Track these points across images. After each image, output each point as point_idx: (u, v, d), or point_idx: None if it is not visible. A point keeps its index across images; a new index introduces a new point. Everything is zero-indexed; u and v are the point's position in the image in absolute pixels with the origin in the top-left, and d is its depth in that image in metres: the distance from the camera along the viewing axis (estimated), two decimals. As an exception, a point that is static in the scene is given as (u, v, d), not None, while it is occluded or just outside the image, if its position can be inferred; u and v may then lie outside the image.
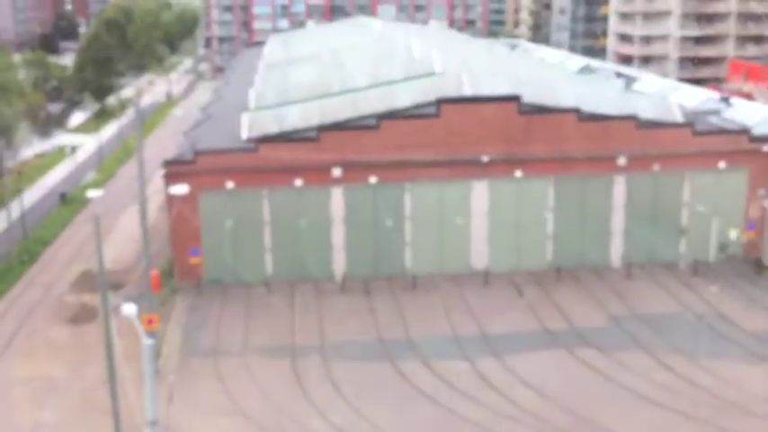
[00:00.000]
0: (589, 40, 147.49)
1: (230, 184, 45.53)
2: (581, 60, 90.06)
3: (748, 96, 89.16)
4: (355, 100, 49.05)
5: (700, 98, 62.31)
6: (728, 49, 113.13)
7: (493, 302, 43.83)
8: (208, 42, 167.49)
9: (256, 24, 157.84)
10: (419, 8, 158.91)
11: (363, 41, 70.54)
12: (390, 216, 46.92)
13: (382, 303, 43.81)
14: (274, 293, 44.34)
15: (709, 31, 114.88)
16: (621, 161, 48.21)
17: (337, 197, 46.57)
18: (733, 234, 49.52)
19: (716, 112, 58.13)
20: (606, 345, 38.78)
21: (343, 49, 67.66)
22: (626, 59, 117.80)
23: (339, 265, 47.17)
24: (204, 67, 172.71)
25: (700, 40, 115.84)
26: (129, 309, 24.99)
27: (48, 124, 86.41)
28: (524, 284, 45.93)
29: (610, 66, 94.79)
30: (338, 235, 46.97)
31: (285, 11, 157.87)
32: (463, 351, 38.09)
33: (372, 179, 46.51)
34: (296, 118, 47.73)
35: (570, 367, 36.90)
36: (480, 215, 47.88)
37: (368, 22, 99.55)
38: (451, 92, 48.29)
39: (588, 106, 48.69)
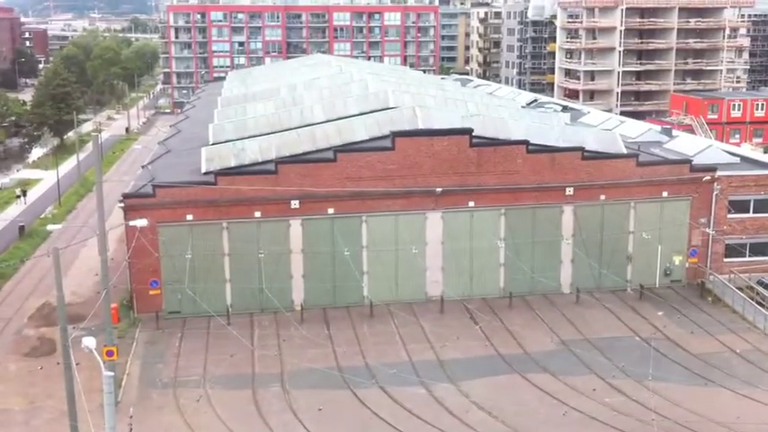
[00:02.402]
0: (537, 75, 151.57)
1: (189, 217, 46.17)
2: (529, 95, 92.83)
3: (688, 128, 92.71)
4: (313, 134, 50.23)
5: (642, 130, 64.81)
6: (669, 83, 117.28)
7: (448, 329, 44.95)
8: (167, 78, 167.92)
9: (215, 61, 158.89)
10: (373, 45, 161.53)
11: (320, 77, 71.95)
12: (348, 246, 47.96)
13: (341, 332, 44.65)
14: (234, 324, 44.85)
15: (650, 66, 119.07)
16: (569, 191, 49.99)
17: (296, 228, 47.49)
18: (677, 260, 51.63)
19: (658, 144, 60.61)
20: (557, 368, 40.09)
21: (300, 85, 68.98)
22: (572, 94, 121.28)
23: (298, 295, 47.96)
24: (163, 102, 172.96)
25: (642, 75, 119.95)
26: (89, 341, 25.31)
27: (6, 159, 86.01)
28: (478, 311, 47.18)
29: (557, 100, 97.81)
30: (297, 265, 47.80)
31: (243, 48, 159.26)
32: (420, 377, 39.04)
33: (330, 210, 47.57)
34: (254, 151, 48.66)
35: (523, 391, 38.07)
36: (435, 244, 49.18)
37: (324, 58, 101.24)
38: (406, 125, 49.74)
39: (537, 139, 50.51)
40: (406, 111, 51.50)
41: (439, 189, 48.25)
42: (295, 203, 47.17)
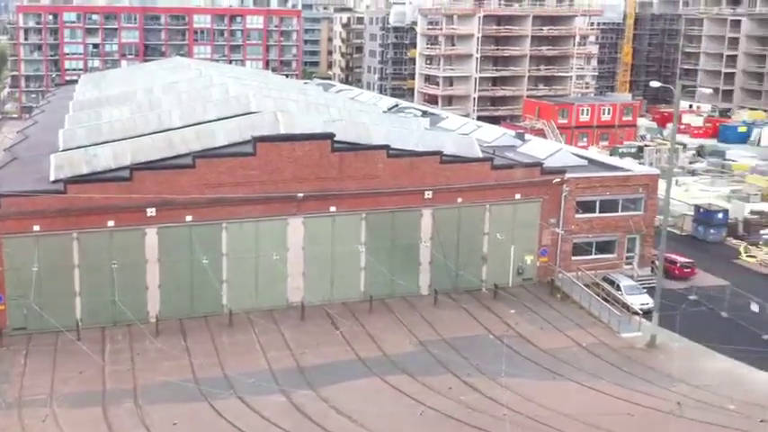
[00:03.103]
0: (398, 81, 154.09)
1: (36, 228, 44.09)
2: (390, 100, 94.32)
3: (540, 132, 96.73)
4: (170, 139, 49.02)
5: (498, 135, 67.15)
6: (523, 89, 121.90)
7: (309, 335, 44.95)
8: (15, 81, 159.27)
9: (67, 63, 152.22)
10: (235, 49, 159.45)
11: (179, 81, 70.33)
12: (207, 254, 47.11)
13: (198, 343, 43.76)
14: (84, 339, 43.09)
15: (505, 72, 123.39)
16: (428, 195, 51.08)
17: (152, 237, 46.19)
18: (528, 259, 53.74)
19: (512, 148, 62.91)
20: (416, 370, 40.87)
21: (158, 89, 67.18)
22: (431, 99, 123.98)
23: (153, 306, 46.62)
24: (10, 106, 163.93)
25: (497, 81, 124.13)
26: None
27: None
28: (339, 316, 47.44)
29: (417, 105, 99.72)
30: (152, 276, 46.49)
31: (98, 50, 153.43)
32: (280, 385, 38.85)
33: (188, 218, 46.60)
34: (108, 158, 47.02)
35: (382, 393, 38.59)
36: (296, 250, 49.07)
37: (183, 62, 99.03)
38: (267, 130, 49.32)
39: (397, 143, 51.30)
40: (268, 116, 51.15)
41: (300, 194, 48.19)
42: (151, 211, 45.90)
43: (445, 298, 50.77)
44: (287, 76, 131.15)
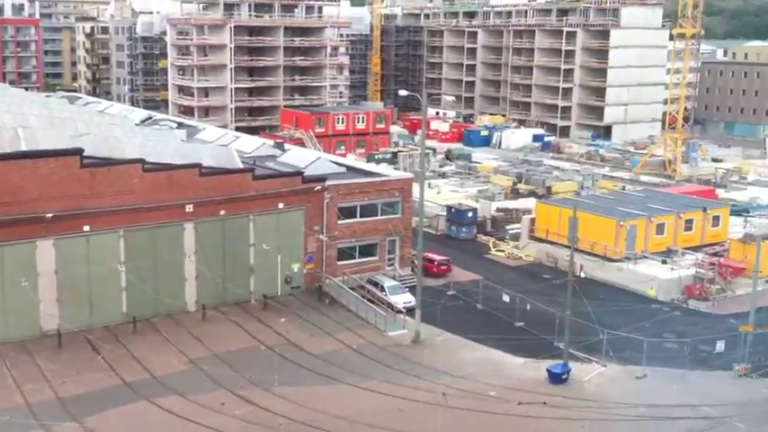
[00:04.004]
0: (150, 92, 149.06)
1: None
2: (143, 112, 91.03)
3: (299, 142, 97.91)
4: None
5: (257, 145, 67.03)
6: (279, 99, 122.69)
7: (68, 364, 42.01)
8: None
9: None
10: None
11: None
12: (-58, 286, 42.68)
13: (-62, 384, 39.54)
14: None
15: (261, 82, 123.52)
16: (189, 209, 49.80)
17: None
18: (295, 267, 54.09)
19: (272, 158, 63.05)
20: (187, 389, 39.65)
21: None
22: (187, 111, 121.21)
23: None
24: None
25: (254, 91, 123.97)
26: None
27: None
28: (100, 341, 44.86)
29: (172, 117, 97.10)
30: None
31: None
32: (39, 420, 36.03)
33: None
34: None
35: (153, 417, 37.05)
36: (48, 275, 45.79)
37: None
38: (7, 148, 45.79)
39: (153, 157, 49.57)
40: (7, 132, 47.46)
41: (49, 214, 45.01)
42: None
43: (214, 312, 49.75)
44: (26, 89, 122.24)
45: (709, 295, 55.54)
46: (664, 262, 59.79)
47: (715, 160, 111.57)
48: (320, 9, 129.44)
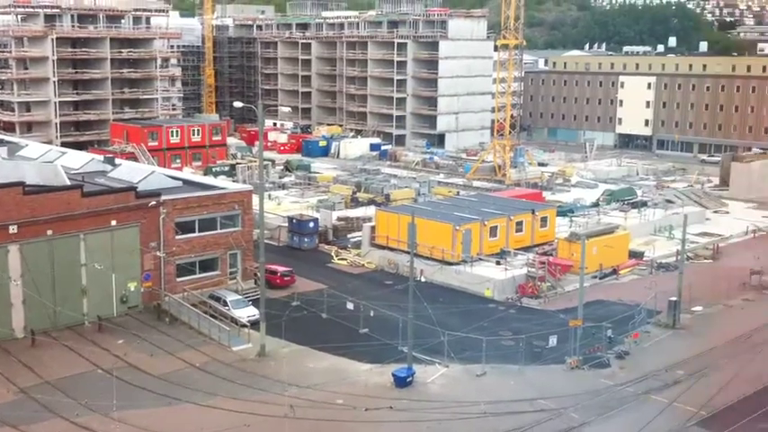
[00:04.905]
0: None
1: None
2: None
3: (131, 156, 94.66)
4: None
5: (86, 160, 64.29)
6: (108, 113, 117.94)
7: None
8: None
9: None
10: None
11: None
12: None
13: None
14: None
15: (87, 96, 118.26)
16: (13, 230, 47.01)
17: None
18: (132, 286, 52.10)
19: (103, 173, 60.58)
20: (19, 420, 37.31)
21: None
22: (8, 127, 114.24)
23: None
24: None
25: (80, 105, 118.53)
26: None
27: None
28: None
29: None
30: None
31: None
32: None
33: None
34: None
35: (-20, 453, 34.65)
36: None
37: None
38: None
39: (-31, 176, 46.47)
40: None
41: None
42: None
43: (44, 338, 47.07)
44: None
45: (540, 293, 58.38)
46: (498, 263, 62.36)
47: (541, 164, 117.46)
48: (148, 20, 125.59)
